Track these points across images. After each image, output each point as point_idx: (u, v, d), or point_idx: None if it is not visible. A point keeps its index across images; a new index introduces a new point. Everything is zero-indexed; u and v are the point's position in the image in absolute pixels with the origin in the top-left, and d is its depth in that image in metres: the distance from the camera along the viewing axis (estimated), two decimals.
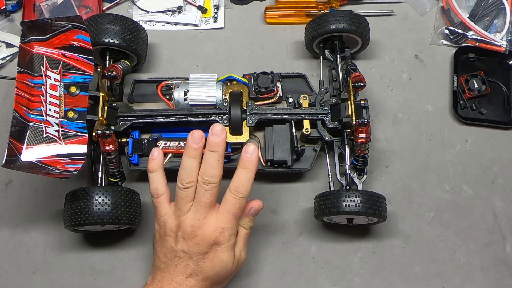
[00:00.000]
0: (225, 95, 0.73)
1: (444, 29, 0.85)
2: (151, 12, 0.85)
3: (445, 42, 0.85)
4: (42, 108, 0.68)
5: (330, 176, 0.75)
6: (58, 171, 0.65)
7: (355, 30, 0.76)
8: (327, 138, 0.73)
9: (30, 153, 0.66)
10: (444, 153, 0.79)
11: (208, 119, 0.72)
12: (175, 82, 0.75)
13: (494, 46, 0.83)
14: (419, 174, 0.78)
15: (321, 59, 0.80)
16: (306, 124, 0.73)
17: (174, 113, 0.72)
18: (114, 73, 0.71)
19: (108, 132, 0.68)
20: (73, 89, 0.68)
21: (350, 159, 0.72)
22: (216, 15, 0.86)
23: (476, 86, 0.81)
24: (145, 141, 0.72)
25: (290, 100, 0.75)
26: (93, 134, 0.68)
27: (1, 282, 0.72)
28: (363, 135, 0.70)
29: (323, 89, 0.76)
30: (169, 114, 0.72)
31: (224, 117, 0.71)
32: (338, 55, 0.78)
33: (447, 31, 0.85)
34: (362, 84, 0.71)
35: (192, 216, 0.61)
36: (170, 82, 0.76)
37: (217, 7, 0.86)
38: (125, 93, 0.78)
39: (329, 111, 0.73)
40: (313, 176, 0.77)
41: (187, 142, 0.62)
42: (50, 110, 0.68)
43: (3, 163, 0.64)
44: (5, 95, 0.81)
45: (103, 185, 0.71)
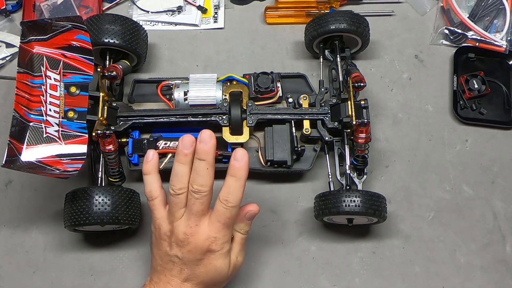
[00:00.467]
0: (225, 95, 0.73)
1: (444, 29, 0.85)
2: (151, 12, 0.85)
3: (445, 42, 0.85)
4: (42, 108, 0.68)
5: (330, 176, 0.75)
6: (58, 171, 0.65)
7: (355, 30, 0.76)
8: (327, 138, 0.73)
9: (30, 153, 0.66)
10: (444, 153, 0.79)
11: (208, 119, 0.72)
12: (175, 82, 0.75)
13: (494, 46, 0.83)
14: (419, 174, 0.78)
15: (321, 59, 0.80)
16: (306, 124, 0.73)
17: (174, 113, 0.72)
18: (114, 73, 0.71)
19: (108, 132, 0.68)
20: (73, 89, 0.68)
21: (350, 159, 0.72)
22: (216, 15, 0.86)
23: (476, 86, 0.81)
24: (145, 141, 0.72)
25: (290, 100, 0.75)
26: (93, 134, 0.68)
27: (1, 282, 0.72)
28: (363, 135, 0.70)
29: (323, 89, 0.76)
30: (169, 114, 0.72)
31: (224, 117, 0.71)
32: (338, 55, 0.78)
33: (447, 31, 0.85)
34: (362, 84, 0.71)
35: (184, 223, 0.60)
36: (170, 82, 0.76)
37: (217, 7, 0.86)
38: (125, 93, 0.78)
39: (329, 111, 0.73)
40: (313, 176, 0.77)
41: (177, 147, 0.60)
42: (50, 110, 0.68)
43: (3, 163, 0.64)
44: (5, 95, 0.81)
45: (103, 185, 0.71)
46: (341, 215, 0.68)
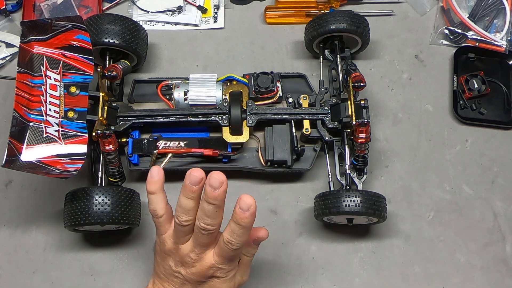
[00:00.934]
0: (225, 95, 0.73)
1: (444, 29, 0.85)
2: (151, 12, 0.85)
3: (445, 42, 0.85)
4: (42, 108, 0.68)
5: (330, 176, 0.75)
6: (58, 171, 0.65)
7: (355, 30, 0.76)
8: (327, 138, 0.73)
9: (30, 153, 0.66)
10: (444, 153, 0.79)
11: (208, 119, 0.72)
12: (175, 82, 0.75)
13: (494, 46, 0.83)
14: (419, 174, 0.78)
15: (321, 59, 0.80)
16: (306, 124, 0.73)
17: (174, 113, 0.72)
18: (114, 73, 0.71)
19: (108, 132, 0.68)
20: (73, 89, 0.68)
21: (350, 159, 0.72)
22: (216, 15, 0.86)
23: (476, 86, 0.81)
24: (145, 141, 0.72)
25: (290, 100, 0.75)
26: (93, 134, 0.68)
27: (1, 282, 0.72)
28: (363, 135, 0.70)
29: (323, 89, 0.76)
30: (169, 114, 0.72)
31: (224, 117, 0.71)
32: (338, 55, 0.78)
33: (447, 31, 0.85)
34: (362, 84, 0.71)
35: (190, 248, 0.59)
36: (170, 82, 0.76)
37: (217, 7, 0.86)
38: (125, 93, 0.78)
39: (329, 111, 0.73)
40: (313, 176, 0.77)
41: (184, 180, 0.55)
42: (50, 110, 0.68)
43: (3, 163, 0.64)
44: (5, 95, 0.81)
45: (103, 185, 0.71)
46: (341, 215, 0.68)
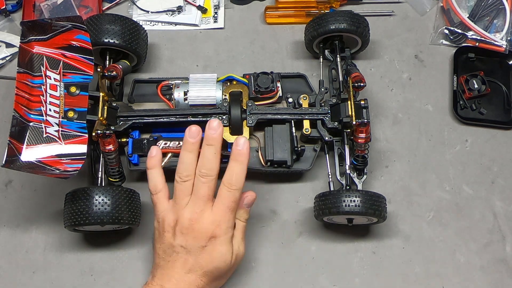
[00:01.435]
0: (225, 95, 0.73)
1: (444, 29, 0.85)
2: (151, 12, 0.85)
3: (445, 42, 0.85)
4: (42, 108, 0.68)
5: (330, 176, 0.75)
6: (58, 171, 0.65)
7: (355, 30, 0.76)
8: (327, 138, 0.73)
9: (30, 153, 0.66)
10: (444, 153, 0.79)
11: (208, 119, 0.72)
12: (175, 82, 0.75)
13: (494, 46, 0.83)
14: (419, 174, 0.78)
15: (321, 59, 0.80)
16: (306, 124, 0.73)
17: (174, 113, 0.72)
18: (114, 73, 0.71)
19: (108, 132, 0.68)
20: (73, 89, 0.68)
21: (350, 159, 0.72)
22: (216, 15, 0.86)
23: (476, 86, 0.81)
24: (145, 141, 0.72)
25: (290, 100, 0.75)
26: (93, 134, 0.68)
27: (1, 282, 0.72)
28: (363, 135, 0.70)
29: (323, 89, 0.76)
30: (169, 114, 0.72)
31: (224, 117, 0.71)
32: (338, 55, 0.78)
33: (447, 31, 0.85)
34: (362, 84, 0.71)
35: (190, 209, 0.63)
36: (170, 82, 0.76)
37: (217, 7, 0.86)
38: (125, 93, 0.78)
39: (329, 111, 0.73)
40: (313, 176, 0.77)
41: (184, 137, 0.64)
42: (50, 110, 0.68)
43: (3, 163, 0.64)
44: (5, 95, 0.81)
45: (103, 185, 0.71)
46: (341, 215, 0.68)
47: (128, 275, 0.73)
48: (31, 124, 0.67)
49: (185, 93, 0.74)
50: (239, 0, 0.87)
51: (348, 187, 0.72)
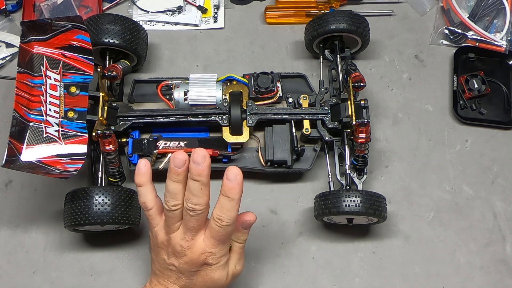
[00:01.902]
0: (225, 95, 0.73)
1: (444, 29, 0.85)
2: (151, 12, 0.85)
3: (445, 42, 0.85)
4: (42, 108, 0.68)
5: (330, 176, 0.75)
6: (58, 171, 0.65)
7: (355, 30, 0.76)
8: (327, 138, 0.73)
9: (30, 153, 0.66)
10: (444, 153, 0.79)
11: (208, 119, 0.72)
12: (175, 82, 0.75)
13: (494, 46, 0.83)
14: (419, 174, 0.78)
15: (321, 59, 0.80)
16: (306, 124, 0.73)
17: (174, 113, 0.72)
18: (114, 73, 0.71)
19: (108, 132, 0.68)
20: (73, 89, 0.68)
21: (350, 159, 0.72)
22: (216, 15, 0.86)
23: (476, 86, 0.81)
24: (145, 141, 0.72)
25: (290, 100, 0.75)
26: (93, 134, 0.68)
27: (1, 282, 0.72)
28: (363, 135, 0.70)
29: (323, 89, 0.76)
30: (169, 114, 0.72)
31: (224, 117, 0.71)
32: (338, 55, 0.78)
33: (447, 31, 0.85)
34: (362, 84, 0.71)
35: (180, 236, 0.59)
36: (170, 82, 0.76)
37: (217, 7, 0.86)
38: (125, 93, 0.78)
39: (329, 111, 0.73)
40: (313, 176, 0.77)
41: (169, 164, 0.57)
42: (50, 110, 0.68)
43: (3, 163, 0.64)
44: (5, 95, 0.81)
45: (103, 185, 0.71)
46: (341, 215, 0.68)
47: (128, 275, 0.73)
48: (31, 124, 0.67)
49: (185, 93, 0.74)
50: (239, 0, 0.87)
51: (348, 187, 0.72)
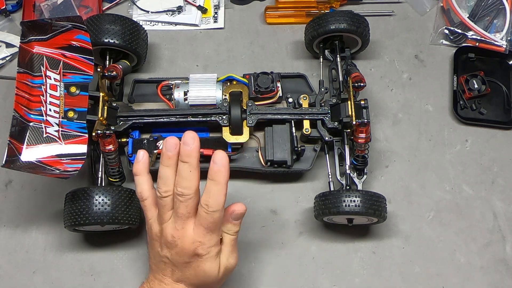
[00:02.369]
0: (225, 95, 0.73)
1: (444, 29, 0.85)
2: (151, 12, 0.85)
3: (445, 42, 0.85)
4: (42, 108, 0.68)
5: (330, 176, 0.75)
6: (58, 171, 0.65)
7: (355, 30, 0.76)
8: (327, 138, 0.73)
9: (30, 153, 0.66)
10: (444, 153, 0.79)
11: (208, 119, 0.72)
12: (175, 82, 0.75)
13: (494, 46, 0.83)
14: (419, 174, 0.78)
15: (321, 59, 0.80)
16: (306, 124, 0.73)
17: (174, 113, 0.72)
18: (114, 73, 0.71)
19: (108, 132, 0.68)
20: (73, 89, 0.68)
21: (350, 159, 0.72)
22: (216, 15, 0.86)
23: (476, 86, 0.81)
24: (145, 141, 0.72)
25: (290, 100, 0.75)
26: (93, 134, 0.68)
27: (1, 282, 0.72)
28: (363, 135, 0.70)
29: (323, 89, 0.76)
30: (169, 114, 0.72)
31: (224, 117, 0.71)
32: (338, 55, 0.78)
33: (447, 31, 0.85)
34: (362, 84, 0.71)
35: (171, 225, 0.59)
36: (170, 82, 0.76)
37: (217, 7, 0.86)
38: (125, 93, 0.78)
39: (329, 111, 0.73)
40: (313, 176, 0.77)
41: (162, 149, 0.59)
42: (50, 110, 0.68)
43: (3, 163, 0.64)
44: (5, 95, 0.81)
45: (103, 185, 0.71)
46: (341, 215, 0.68)
47: (128, 275, 0.73)
48: (31, 124, 0.67)
49: (185, 93, 0.74)
50: (239, 0, 0.87)
51: (348, 187, 0.72)
